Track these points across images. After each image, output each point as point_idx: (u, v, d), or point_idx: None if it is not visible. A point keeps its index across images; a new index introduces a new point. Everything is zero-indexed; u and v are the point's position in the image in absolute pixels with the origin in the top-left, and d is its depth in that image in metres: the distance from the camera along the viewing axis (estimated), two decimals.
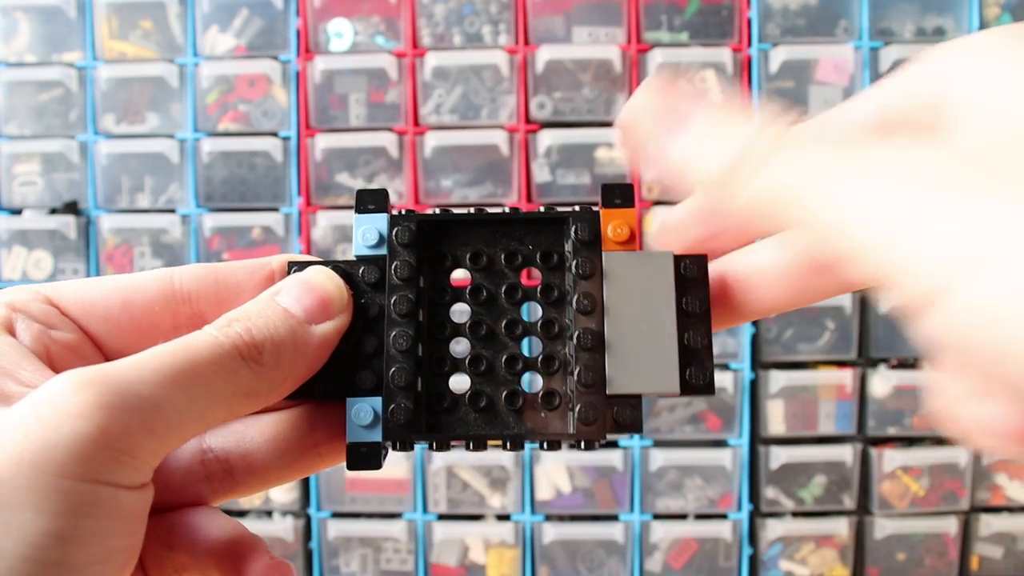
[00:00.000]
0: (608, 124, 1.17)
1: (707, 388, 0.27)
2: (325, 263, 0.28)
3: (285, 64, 1.19)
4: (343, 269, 0.27)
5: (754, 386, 1.17)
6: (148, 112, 1.21)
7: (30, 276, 1.21)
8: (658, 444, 1.18)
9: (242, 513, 1.21)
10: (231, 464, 0.27)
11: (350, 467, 0.26)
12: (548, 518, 1.19)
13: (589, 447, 0.26)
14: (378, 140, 1.17)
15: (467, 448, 0.27)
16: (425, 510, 1.19)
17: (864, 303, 1.17)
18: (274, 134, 1.19)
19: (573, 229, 0.28)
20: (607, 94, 1.18)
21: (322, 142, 1.18)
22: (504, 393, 0.28)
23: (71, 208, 1.21)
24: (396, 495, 1.19)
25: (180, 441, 0.22)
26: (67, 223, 1.20)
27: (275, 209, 1.20)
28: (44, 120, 1.22)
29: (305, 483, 1.20)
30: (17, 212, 1.22)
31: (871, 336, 1.17)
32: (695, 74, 1.16)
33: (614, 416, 0.26)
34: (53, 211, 1.21)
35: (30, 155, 1.21)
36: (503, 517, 1.19)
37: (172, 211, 1.21)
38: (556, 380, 0.28)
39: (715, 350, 1.31)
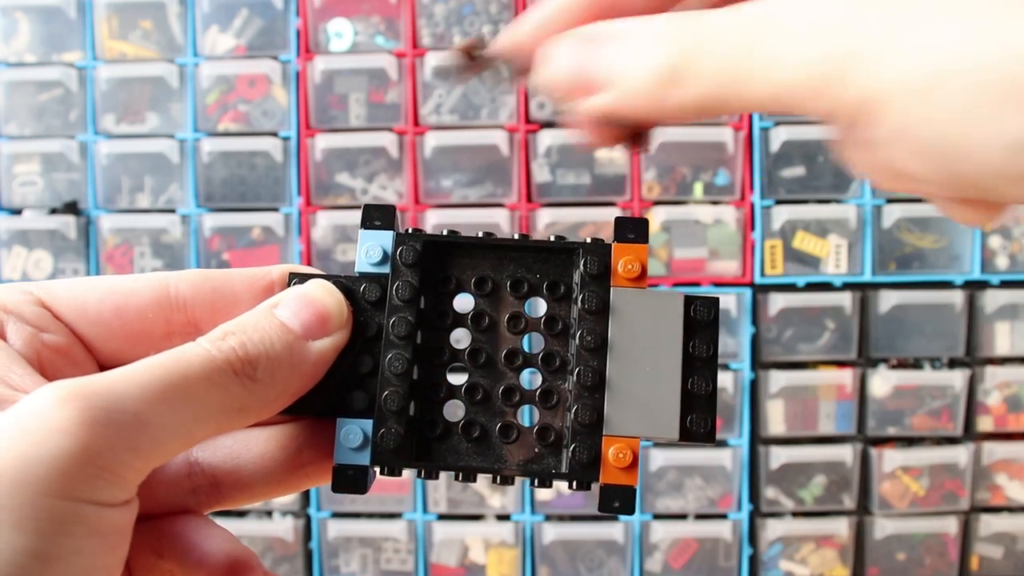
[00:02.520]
0: None
1: (707, 437, 0.26)
2: (327, 277, 0.27)
3: (285, 64, 1.19)
4: (344, 285, 0.27)
5: (754, 386, 1.17)
6: (148, 112, 1.21)
7: (30, 276, 1.21)
8: (658, 444, 1.18)
9: (242, 513, 1.21)
10: (218, 479, 0.27)
11: (335, 489, 0.26)
12: (548, 518, 1.19)
13: (581, 487, 0.26)
14: (378, 140, 1.17)
15: (456, 479, 0.27)
16: (425, 510, 1.19)
17: (864, 303, 1.17)
18: (274, 134, 1.19)
19: (583, 261, 0.27)
20: None
21: (322, 142, 1.18)
22: (499, 425, 0.27)
23: (71, 208, 1.21)
24: (396, 495, 1.19)
25: (166, 458, 0.22)
26: (67, 223, 1.20)
27: (275, 209, 1.20)
28: (44, 120, 1.21)
29: None
30: (17, 212, 1.22)
31: (871, 336, 1.17)
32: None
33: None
34: (53, 211, 1.21)
35: (30, 155, 1.21)
36: (503, 517, 1.19)
37: (172, 211, 1.21)
38: (553, 415, 0.27)
39: None
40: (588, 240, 0.27)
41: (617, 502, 0.25)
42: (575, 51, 0.24)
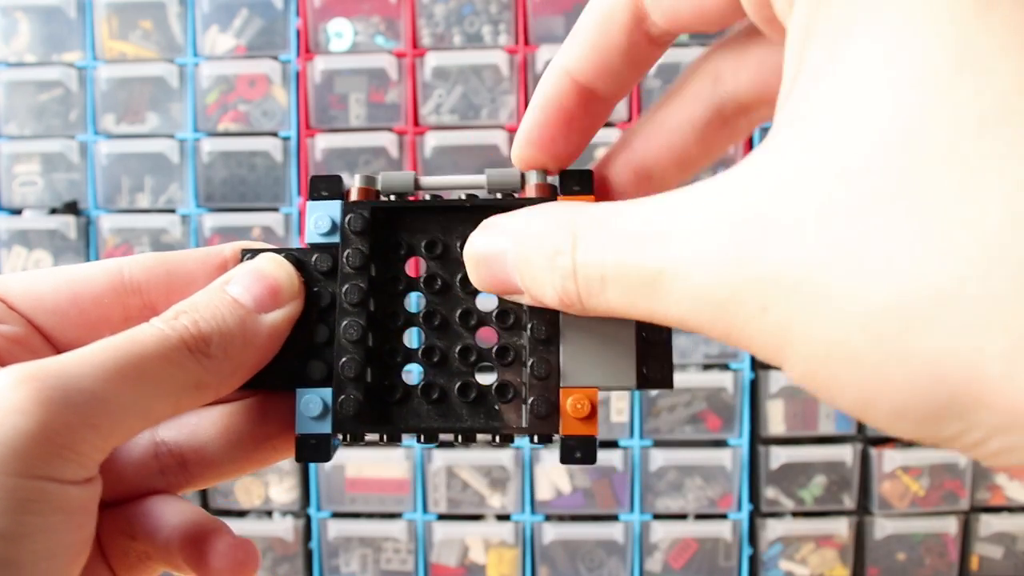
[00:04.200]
0: (608, 124, 1.17)
1: (664, 382, 0.26)
2: (277, 250, 0.27)
3: (285, 64, 1.19)
4: (295, 257, 0.27)
5: (754, 386, 1.17)
6: (148, 112, 1.21)
7: None
8: (658, 444, 1.18)
9: (242, 513, 1.21)
10: (185, 457, 0.27)
11: (299, 459, 0.26)
12: (548, 518, 1.19)
13: (543, 441, 0.26)
14: (378, 140, 1.17)
15: (418, 440, 0.27)
16: (425, 510, 1.19)
17: None
18: (274, 134, 1.19)
19: None
20: None
21: (322, 142, 1.18)
22: (457, 385, 0.27)
23: (71, 208, 1.21)
24: (396, 495, 1.19)
25: (126, 436, 0.22)
26: (67, 223, 1.20)
27: (275, 209, 1.20)
28: (44, 120, 1.22)
29: (305, 483, 1.20)
30: (17, 212, 1.22)
31: None
32: None
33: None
34: (53, 211, 1.21)
35: (30, 155, 1.21)
36: (503, 517, 1.19)
37: (172, 211, 1.21)
38: (511, 372, 0.27)
39: (715, 351, 1.30)
40: (535, 196, 0.27)
41: (579, 452, 0.25)
42: (480, 270, 0.25)
